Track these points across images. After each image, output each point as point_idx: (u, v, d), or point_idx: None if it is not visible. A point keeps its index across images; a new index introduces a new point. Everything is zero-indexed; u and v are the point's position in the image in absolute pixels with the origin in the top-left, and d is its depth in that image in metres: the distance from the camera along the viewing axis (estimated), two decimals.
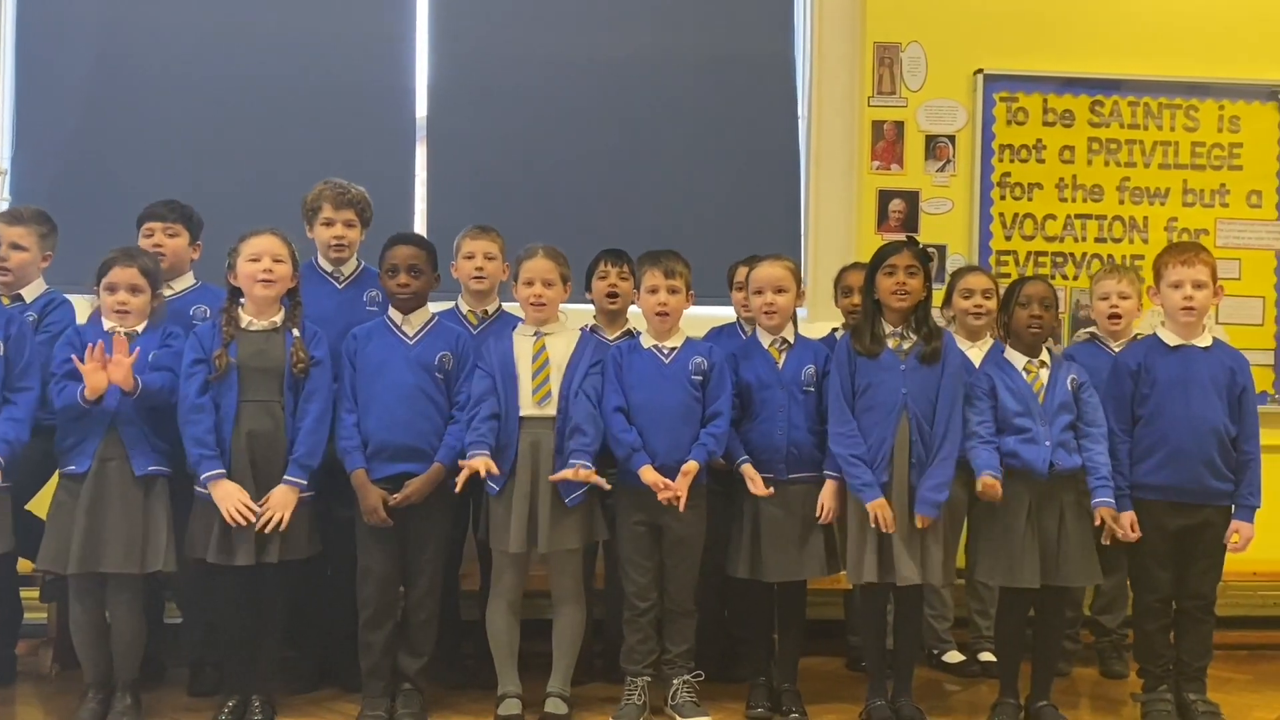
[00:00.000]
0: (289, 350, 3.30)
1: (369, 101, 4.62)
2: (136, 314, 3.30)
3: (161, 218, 3.68)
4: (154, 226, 3.65)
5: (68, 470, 3.24)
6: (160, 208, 3.70)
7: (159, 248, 3.62)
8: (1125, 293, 3.92)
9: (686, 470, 3.33)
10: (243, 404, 3.24)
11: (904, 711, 3.41)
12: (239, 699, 3.33)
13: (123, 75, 4.56)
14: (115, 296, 3.27)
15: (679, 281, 3.48)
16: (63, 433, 3.27)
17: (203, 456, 3.19)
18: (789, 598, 3.55)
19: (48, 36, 4.55)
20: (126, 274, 3.28)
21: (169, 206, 3.71)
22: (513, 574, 3.41)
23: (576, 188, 4.65)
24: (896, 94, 4.67)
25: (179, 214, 3.71)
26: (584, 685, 3.62)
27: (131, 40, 4.57)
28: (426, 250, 3.50)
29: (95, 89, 4.54)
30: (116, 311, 3.28)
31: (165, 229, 3.67)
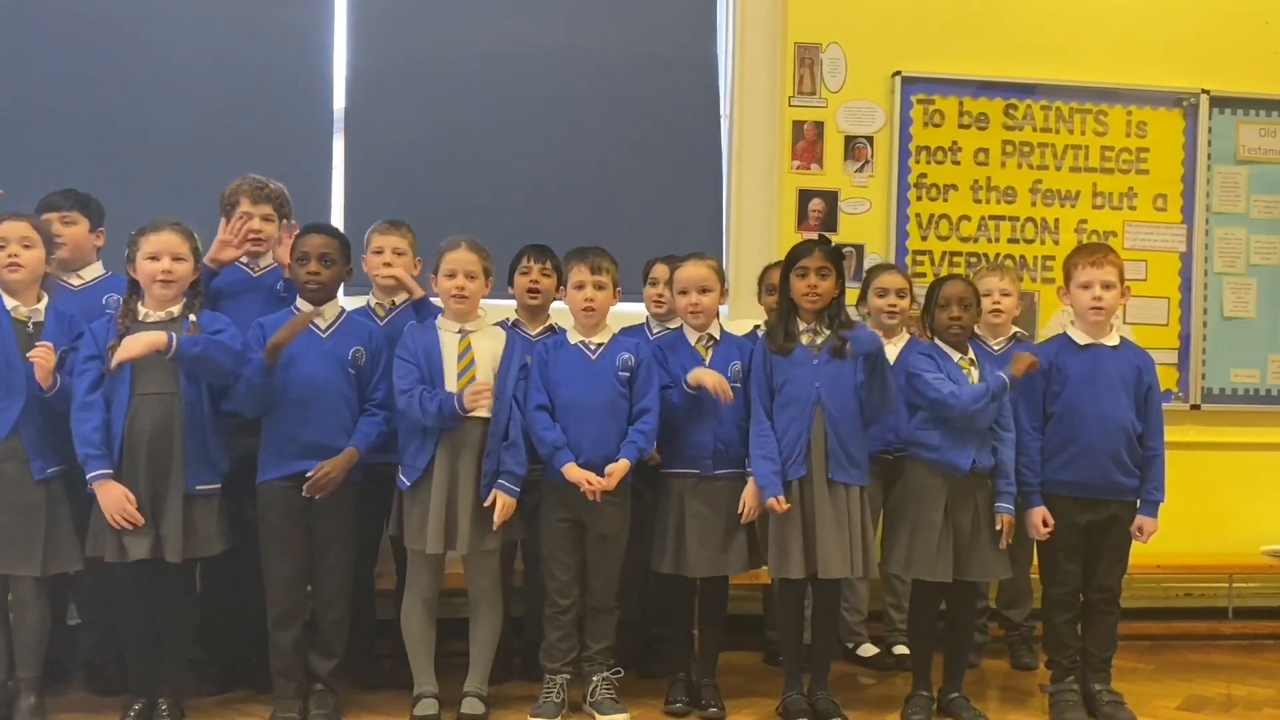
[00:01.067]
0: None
1: (287, 92, 4.52)
2: (29, 269, 3.20)
3: (57, 206, 3.57)
4: (50, 217, 3.54)
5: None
6: (55, 196, 3.59)
7: (57, 237, 3.51)
8: (1006, 290, 4.02)
9: (614, 471, 3.32)
10: (136, 398, 3.15)
11: (820, 705, 3.44)
12: (145, 702, 3.24)
13: (32, 66, 4.39)
14: (5, 251, 3.17)
15: (606, 278, 3.47)
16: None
17: (89, 456, 3.10)
18: (711, 593, 3.56)
19: None
20: (16, 227, 3.20)
21: (64, 195, 3.60)
22: (429, 573, 3.37)
23: (498, 182, 4.60)
24: (817, 94, 4.71)
25: (75, 201, 3.60)
26: (503, 684, 3.60)
27: (38, 26, 4.41)
28: (339, 241, 3.44)
29: (3, 80, 4.38)
30: (8, 266, 3.16)
31: (62, 217, 3.56)
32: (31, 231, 3.21)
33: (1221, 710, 3.73)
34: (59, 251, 3.48)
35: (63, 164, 4.24)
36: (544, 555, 3.45)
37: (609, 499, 3.37)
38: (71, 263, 3.56)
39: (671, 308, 3.72)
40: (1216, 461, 4.83)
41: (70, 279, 3.55)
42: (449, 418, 3.24)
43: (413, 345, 3.36)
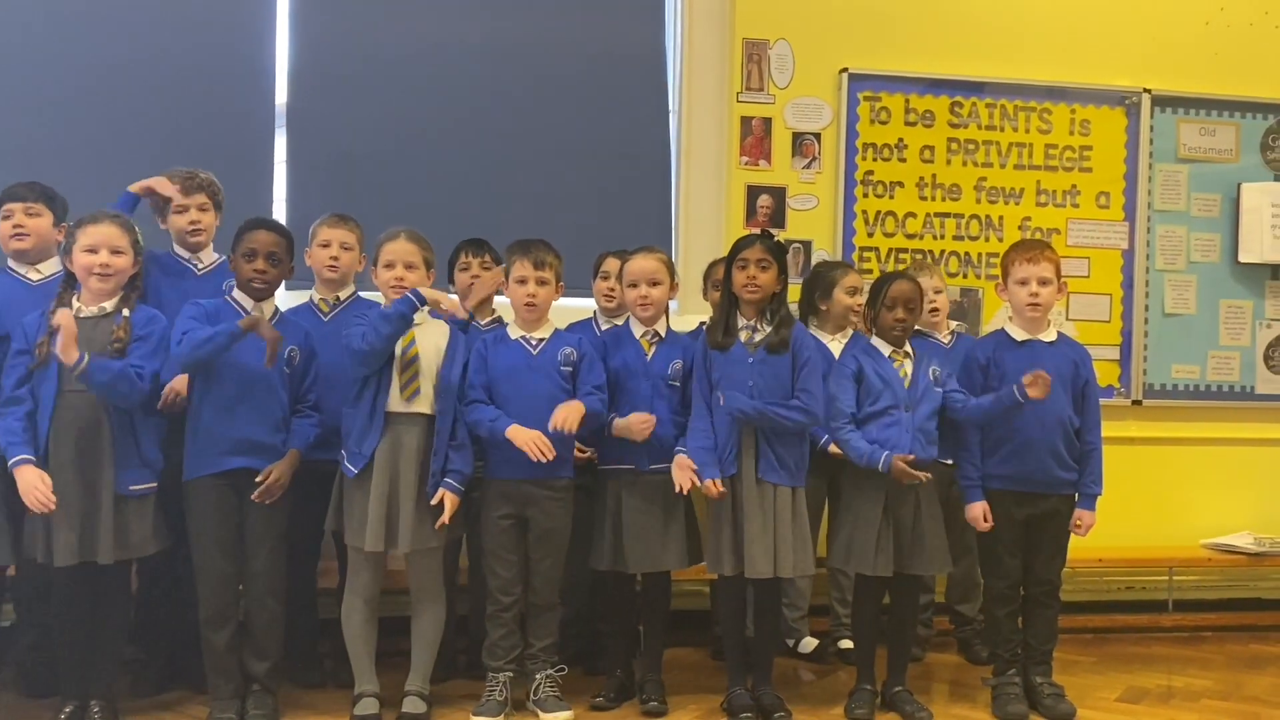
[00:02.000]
0: (115, 329, 3.13)
1: (227, 86, 4.44)
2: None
3: (21, 198, 3.50)
4: (14, 208, 3.48)
5: None
6: (20, 188, 3.51)
7: (20, 228, 3.45)
8: (938, 288, 4.10)
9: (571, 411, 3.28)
10: (62, 394, 3.08)
11: (764, 700, 3.45)
12: (76, 704, 3.18)
13: None
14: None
15: (548, 273, 3.45)
16: None
17: (10, 444, 3.05)
18: (653, 589, 3.56)
19: None
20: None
21: (29, 186, 3.52)
22: (370, 571, 3.33)
23: (443, 177, 4.56)
24: (765, 90, 4.72)
25: (40, 193, 3.53)
26: (446, 683, 3.57)
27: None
28: (286, 239, 3.39)
29: None
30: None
31: (26, 209, 3.49)
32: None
33: (1160, 701, 3.78)
34: (21, 243, 3.41)
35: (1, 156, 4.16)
36: (485, 552, 3.43)
37: (550, 494, 3.36)
38: (30, 254, 3.49)
39: (621, 302, 3.70)
40: (1158, 456, 4.89)
41: (29, 273, 3.48)
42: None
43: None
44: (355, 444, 3.27)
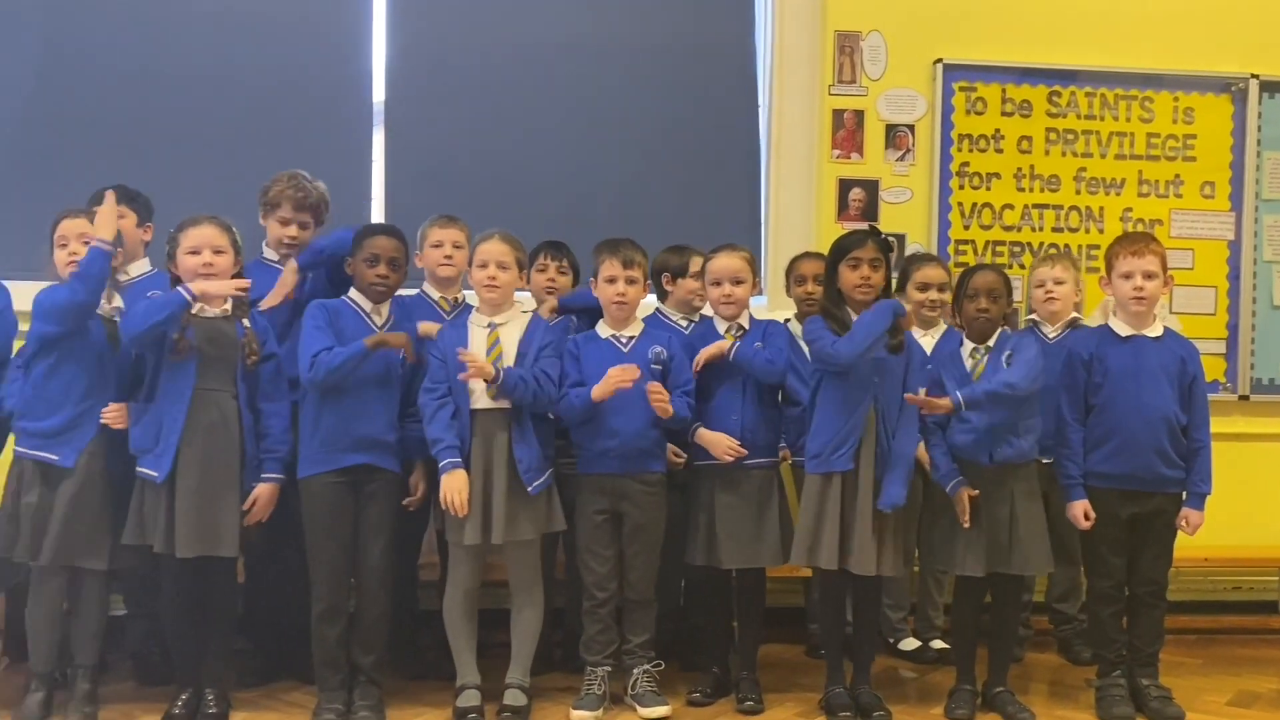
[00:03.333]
0: (241, 341, 3.25)
1: (326, 87, 4.55)
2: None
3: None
4: None
5: (41, 458, 3.18)
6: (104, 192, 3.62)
7: None
8: (1060, 278, 3.96)
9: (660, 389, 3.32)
10: (198, 391, 3.19)
11: (862, 699, 3.42)
12: (191, 692, 3.29)
13: (72, 63, 4.46)
14: (67, 250, 3.23)
15: (637, 271, 3.47)
16: (38, 413, 3.19)
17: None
18: (747, 585, 3.56)
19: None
20: (75, 224, 3.25)
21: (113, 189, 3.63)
22: (469, 565, 3.38)
23: (535, 175, 4.61)
24: (857, 83, 4.67)
25: (123, 195, 3.61)
26: (543, 675, 3.60)
27: (81, 26, 4.47)
28: (406, 244, 3.47)
29: (44, 77, 4.44)
30: (69, 266, 3.20)
31: None
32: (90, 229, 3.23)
33: (1273, 705, 3.67)
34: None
35: (106, 160, 4.30)
36: (580, 548, 3.46)
37: (644, 489, 3.38)
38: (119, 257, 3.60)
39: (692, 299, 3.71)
40: (1266, 452, 4.74)
41: (117, 274, 3.59)
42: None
43: (442, 343, 3.37)
44: None
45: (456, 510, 3.21)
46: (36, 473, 3.19)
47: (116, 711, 3.33)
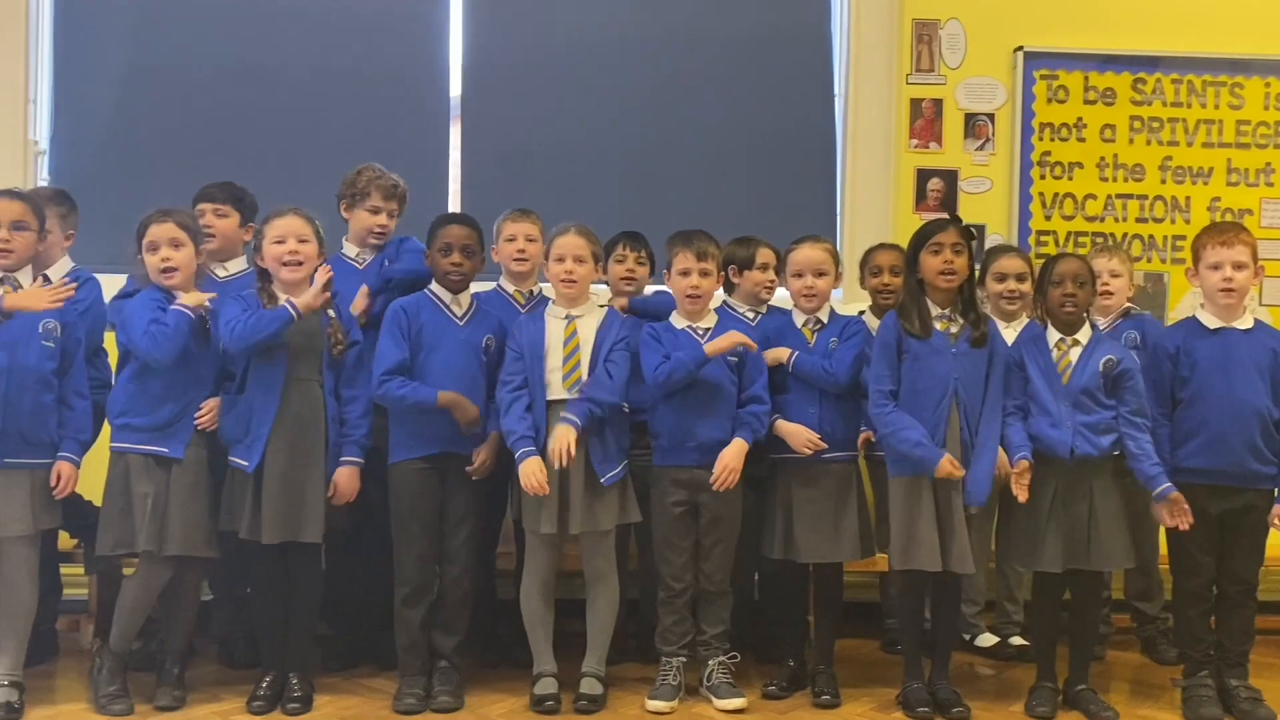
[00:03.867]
0: (326, 331, 3.31)
1: (403, 81, 4.62)
2: (183, 271, 3.29)
3: (212, 198, 3.70)
4: (204, 207, 3.68)
5: (153, 451, 3.25)
6: (213, 188, 3.72)
7: (209, 228, 3.64)
8: (1116, 270, 3.87)
9: (731, 454, 3.31)
10: (288, 381, 3.26)
11: (941, 694, 3.39)
12: (275, 675, 3.36)
13: (159, 58, 4.57)
14: (158, 254, 3.27)
15: (710, 264, 3.45)
16: (143, 410, 3.26)
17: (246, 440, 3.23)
18: (825, 579, 3.54)
19: (86, 20, 4.57)
20: (164, 229, 3.28)
21: (221, 187, 3.73)
22: (546, 555, 3.41)
23: (609, 168, 4.63)
24: (935, 71, 4.62)
25: (229, 195, 3.73)
26: (618, 665, 3.62)
27: (167, 22, 4.59)
28: (479, 232, 3.50)
29: (132, 72, 4.56)
30: (163, 271, 3.27)
31: (215, 210, 3.69)
32: (179, 232, 3.29)
33: None
34: (209, 243, 3.62)
35: (192, 155, 4.41)
36: (656, 539, 3.46)
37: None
38: (219, 254, 3.68)
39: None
40: None
41: (216, 269, 3.68)
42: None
43: (519, 335, 3.40)
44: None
45: (538, 491, 3.23)
46: (147, 466, 3.26)
47: (203, 694, 3.41)
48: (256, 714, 3.27)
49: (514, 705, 3.39)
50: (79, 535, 3.76)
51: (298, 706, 3.29)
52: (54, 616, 3.80)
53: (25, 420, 3.19)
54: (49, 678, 3.60)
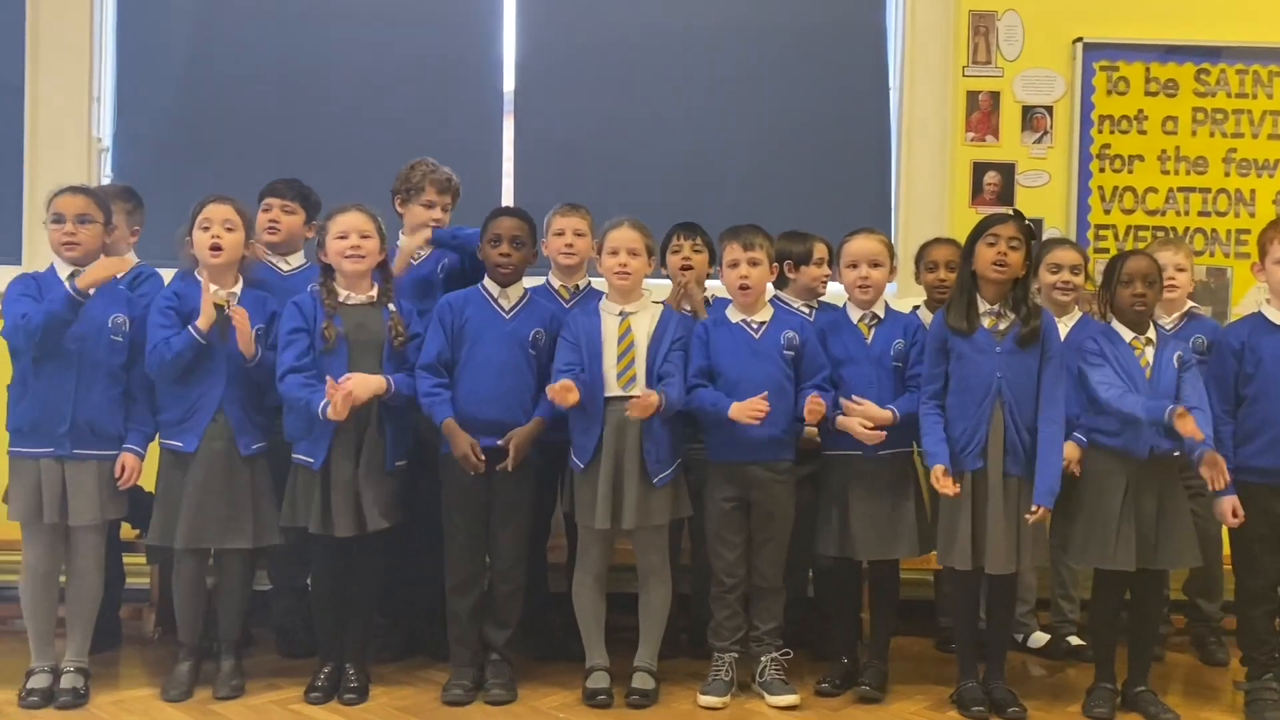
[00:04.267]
0: (386, 324, 3.34)
1: (457, 76, 4.64)
2: (228, 253, 3.33)
3: (280, 194, 3.76)
4: (272, 202, 3.74)
5: (172, 446, 3.33)
6: (280, 185, 3.78)
7: (274, 223, 3.70)
8: (1181, 265, 3.77)
9: (815, 406, 3.28)
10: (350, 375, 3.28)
11: (996, 694, 3.35)
12: (333, 666, 3.40)
13: (218, 54, 4.64)
14: (209, 233, 3.32)
15: (759, 253, 3.43)
16: (167, 405, 3.35)
17: (311, 391, 3.22)
18: (881, 577, 3.52)
19: (147, 19, 4.65)
20: (220, 209, 3.33)
21: (288, 184, 3.79)
22: (599, 549, 3.42)
23: (662, 162, 4.62)
24: (992, 64, 4.56)
25: (296, 192, 3.78)
26: (669, 660, 3.61)
27: (227, 19, 4.65)
28: (529, 224, 3.51)
29: (193, 68, 4.63)
30: (211, 248, 3.32)
31: (283, 206, 3.75)
32: (235, 215, 3.35)
33: None
34: (272, 236, 3.66)
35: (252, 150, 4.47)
36: (708, 534, 3.45)
37: (774, 477, 3.37)
38: (281, 248, 3.74)
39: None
40: None
41: (280, 264, 3.74)
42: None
43: (575, 328, 3.40)
44: (580, 437, 3.36)
45: (563, 396, 3.21)
46: (169, 460, 3.34)
47: (261, 683, 3.46)
48: (314, 704, 3.32)
49: (566, 699, 3.41)
50: (140, 525, 3.84)
51: (354, 697, 3.34)
52: (117, 605, 3.88)
53: (94, 413, 3.26)
54: (113, 664, 3.67)
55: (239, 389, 3.33)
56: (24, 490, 3.24)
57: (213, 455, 3.30)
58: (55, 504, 3.23)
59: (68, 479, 3.24)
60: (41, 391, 3.24)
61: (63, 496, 3.24)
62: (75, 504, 3.24)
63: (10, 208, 4.47)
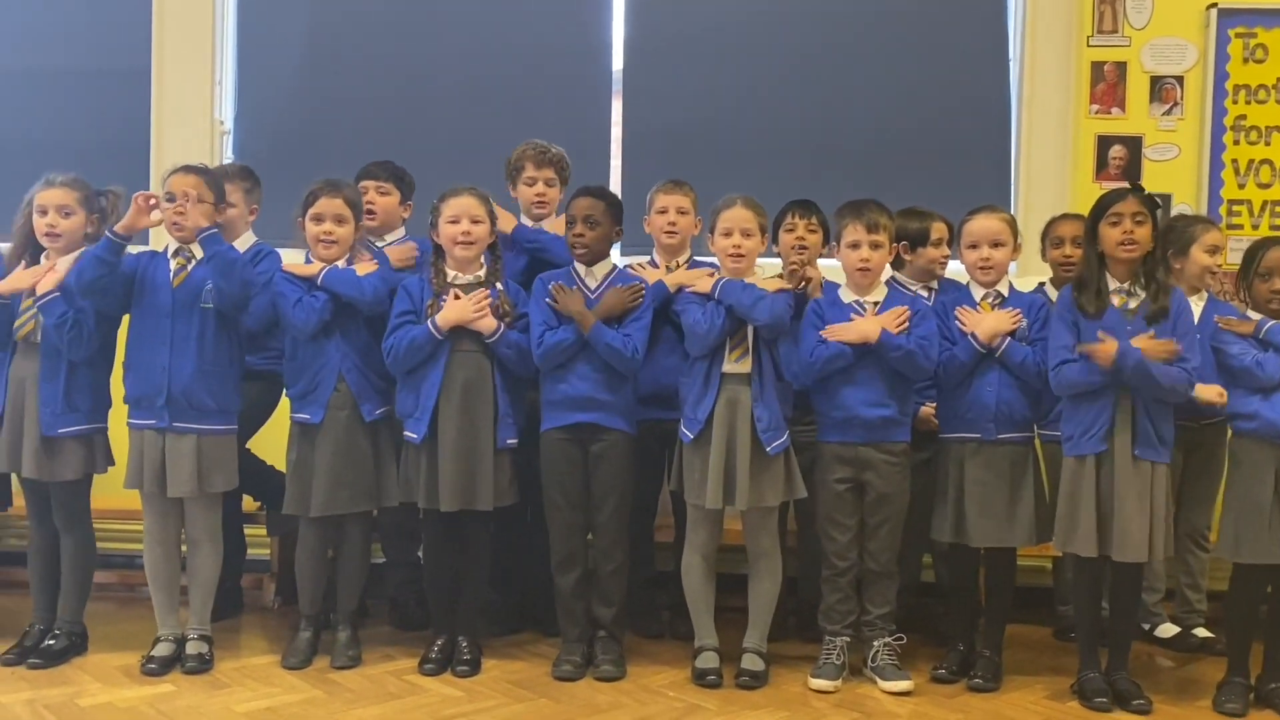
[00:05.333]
0: (494, 303, 3.36)
1: (566, 56, 4.65)
2: (341, 245, 3.40)
3: (375, 176, 3.82)
4: (367, 185, 3.79)
5: (300, 419, 3.41)
6: (374, 167, 3.84)
7: (370, 205, 3.75)
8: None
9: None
10: (454, 354, 3.33)
11: (1119, 685, 3.24)
12: (446, 639, 3.45)
13: (334, 39, 4.72)
14: (321, 226, 3.39)
15: (882, 235, 3.36)
16: (293, 379, 3.43)
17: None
18: (997, 564, 3.42)
19: (267, 3, 4.75)
20: (332, 204, 3.39)
21: (382, 166, 3.85)
22: (708, 528, 3.39)
23: (772, 139, 4.56)
24: (1119, 33, 4.38)
25: (391, 173, 3.84)
26: (777, 642, 3.57)
27: (342, 5, 4.73)
28: (605, 201, 3.49)
29: (309, 53, 4.73)
30: (322, 242, 3.38)
31: (378, 187, 3.81)
32: (345, 209, 3.41)
33: None
34: (370, 220, 3.72)
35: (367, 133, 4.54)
36: (820, 516, 3.41)
37: (888, 459, 3.30)
38: (379, 230, 3.81)
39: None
40: None
41: (376, 243, 3.79)
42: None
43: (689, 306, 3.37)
44: (691, 409, 3.33)
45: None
46: (297, 432, 3.42)
47: (377, 654, 3.53)
48: (428, 675, 3.37)
49: (675, 677, 3.40)
50: (261, 498, 3.95)
51: (467, 669, 3.38)
52: (239, 575, 4.00)
53: (190, 385, 3.32)
54: (235, 632, 3.79)
55: (357, 357, 3.39)
56: (132, 460, 3.36)
57: (338, 424, 3.36)
58: (155, 475, 3.32)
59: (167, 451, 3.32)
60: (141, 365, 3.34)
61: (163, 467, 3.32)
62: (173, 476, 3.32)
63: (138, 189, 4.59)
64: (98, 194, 3.47)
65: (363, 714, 3.09)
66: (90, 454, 3.40)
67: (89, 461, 3.40)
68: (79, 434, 3.36)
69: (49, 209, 3.37)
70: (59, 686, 3.23)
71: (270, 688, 3.26)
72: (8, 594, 4.03)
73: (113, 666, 3.39)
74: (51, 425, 3.31)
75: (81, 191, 3.42)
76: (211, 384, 3.35)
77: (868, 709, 3.20)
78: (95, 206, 3.45)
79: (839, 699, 3.27)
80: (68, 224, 3.38)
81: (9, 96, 4.74)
